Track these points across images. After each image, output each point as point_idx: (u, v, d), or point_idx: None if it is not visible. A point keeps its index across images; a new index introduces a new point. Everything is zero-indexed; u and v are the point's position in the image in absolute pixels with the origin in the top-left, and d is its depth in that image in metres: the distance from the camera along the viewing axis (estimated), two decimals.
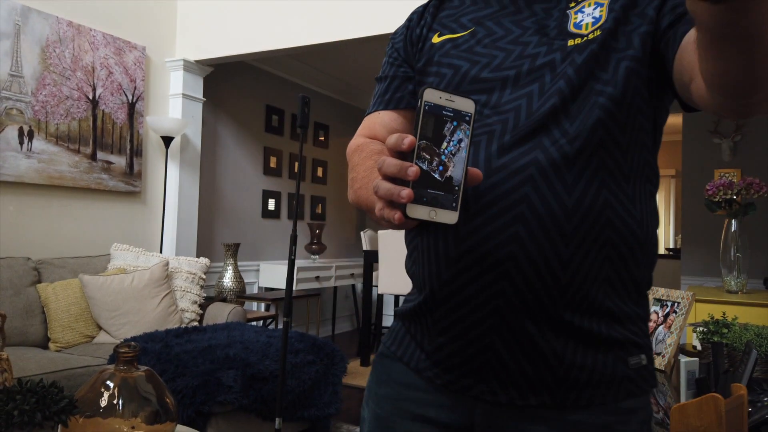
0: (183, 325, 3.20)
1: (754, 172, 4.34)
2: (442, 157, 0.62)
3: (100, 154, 3.59)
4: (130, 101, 3.78)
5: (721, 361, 1.40)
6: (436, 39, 0.87)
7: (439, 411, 0.80)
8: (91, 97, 3.54)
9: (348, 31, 3.48)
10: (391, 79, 0.92)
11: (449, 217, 0.62)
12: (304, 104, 2.42)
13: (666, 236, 8.55)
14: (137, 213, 3.90)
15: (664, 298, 2.04)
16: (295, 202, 2.32)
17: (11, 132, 3.15)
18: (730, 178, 2.95)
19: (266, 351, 2.60)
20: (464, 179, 0.63)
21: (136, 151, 3.82)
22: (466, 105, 0.63)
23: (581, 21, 0.77)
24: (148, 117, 3.86)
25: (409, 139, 0.60)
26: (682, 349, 1.94)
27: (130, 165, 3.78)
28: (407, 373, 0.83)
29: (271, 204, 5.29)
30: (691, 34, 0.65)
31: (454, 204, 0.62)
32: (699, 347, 1.84)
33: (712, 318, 1.76)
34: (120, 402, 1.02)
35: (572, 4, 0.79)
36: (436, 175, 0.62)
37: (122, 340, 2.80)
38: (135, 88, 3.81)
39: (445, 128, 0.63)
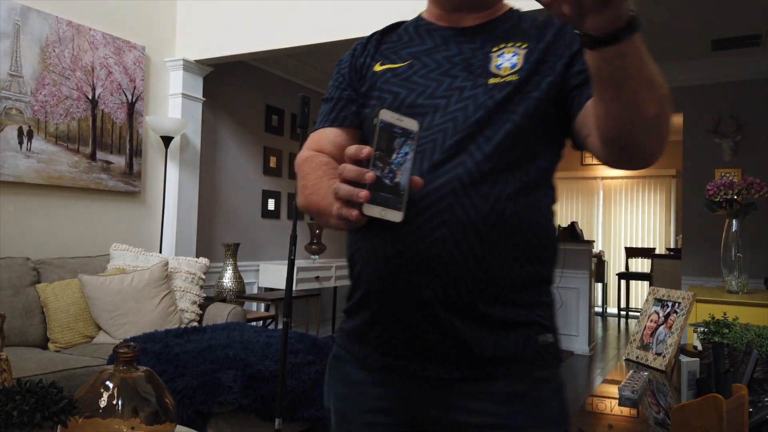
0: (182, 326, 3.20)
1: (755, 172, 4.33)
2: (392, 166, 0.75)
3: (99, 154, 3.58)
4: (130, 101, 3.78)
5: (722, 361, 1.39)
6: (378, 68, 1.01)
7: (386, 401, 0.94)
8: (90, 97, 3.54)
9: (348, 31, 3.47)
10: (337, 101, 1.05)
11: (396, 215, 0.75)
12: (304, 104, 2.42)
13: (667, 236, 8.55)
14: (137, 213, 3.90)
15: (664, 298, 2.04)
16: (295, 202, 2.32)
17: (11, 132, 3.14)
18: (730, 178, 2.94)
19: (266, 351, 2.60)
20: (408, 185, 0.76)
21: (135, 151, 3.82)
22: (412, 124, 0.77)
23: (501, 64, 0.93)
24: (148, 117, 3.86)
25: (367, 150, 0.73)
26: (682, 350, 1.94)
27: (130, 165, 3.78)
28: (359, 372, 0.97)
29: (271, 204, 5.28)
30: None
31: (400, 205, 0.75)
32: (700, 347, 1.84)
33: (713, 318, 1.75)
34: (119, 402, 1.01)
35: (494, 49, 0.95)
36: (387, 181, 0.74)
37: (122, 341, 2.79)
38: (134, 87, 3.80)
39: (395, 143, 0.75)
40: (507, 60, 0.93)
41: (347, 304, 0.99)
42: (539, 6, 0.64)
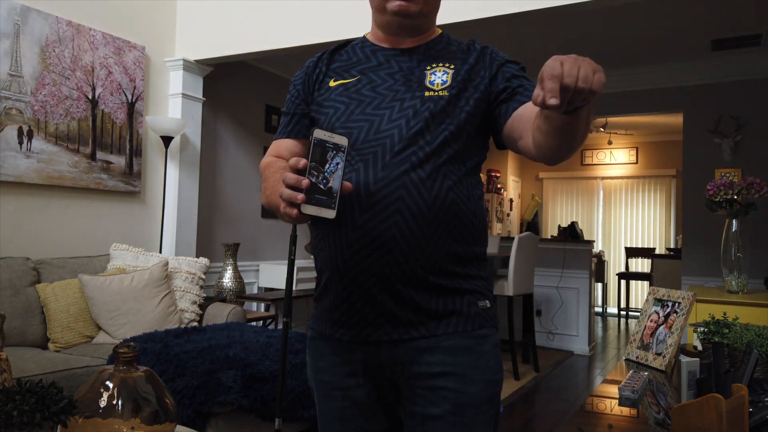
0: (182, 326, 3.20)
1: (755, 172, 4.32)
2: (325, 173, 0.92)
3: (99, 154, 3.58)
4: (130, 101, 3.78)
5: (722, 361, 1.39)
6: (332, 83, 1.20)
7: (360, 364, 1.13)
8: (90, 97, 3.54)
9: (348, 31, 3.47)
10: (293, 116, 1.26)
11: (330, 213, 0.93)
12: None
13: (667, 236, 8.55)
14: (137, 213, 3.90)
15: (664, 298, 2.04)
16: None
17: (11, 132, 3.14)
18: (730, 178, 2.94)
19: (266, 351, 2.60)
20: (340, 189, 0.94)
21: (135, 151, 3.82)
22: (342, 140, 0.95)
23: (434, 80, 1.15)
24: (148, 117, 3.86)
25: (303, 162, 0.92)
26: (682, 350, 1.94)
27: (130, 165, 3.78)
28: (332, 347, 1.16)
29: None
30: (524, 112, 1.07)
31: (333, 205, 0.93)
32: (700, 347, 1.84)
33: (713, 318, 1.75)
34: (119, 402, 1.01)
35: (428, 68, 1.17)
36: (321, 186, 0.92)
37: (122, 341, 2.79)
38: (134, 87, 3.80)
39: (328, 155, 0.93)
40: (438, 77, 1.15)
41: (315, 292, 1.18)
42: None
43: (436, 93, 1.13)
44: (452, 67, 1.16)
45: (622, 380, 1.65)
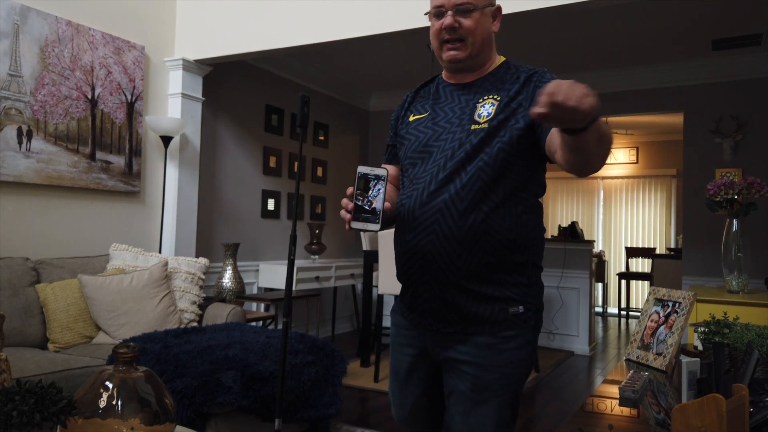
0: (182, 326, 3.20)
1: (756, 172, 4.32)
2: (369, 198, 1.21)
3: (99, 154, 3.58)
4: (129, 101, 3.77)
5: (723, 361, 1.39)
6: (411, 118, 1.48)
7: (413, 339, 1.47)
8: (90, 97, 3.53)
9: (348, 31, 3.47)
10: (388, 146, 1.59)
11: (375, 227, 1.22)
12: (303, 104, 2.41)
13: (667, 236, 8.55)
14: (136, 213, 3.90)
15: (665, 298, 2.04)
16: (295, 201, 2.32)
17: (10, 132, 3.14)
18: (731, 178, 2.94)
19: (266, 351, 2.59)
20: (382, 208, 1.22)
21: (135, 151, 3.81)
22: (381, 171, 1.23)
23: (481, 113, 1.35)
24: (147, 116, 3.86)
25: (350, 190, 1.23)
26: (683, 350, 1.94)
27: (129, 165, 3.78)
28: (402, 320, 1.50)
29: (271, 204, 5.28)
30: (558, 131, 1.21)
31: (377, 221, 1.22)
32: (700, 347, 1.84)
33: (714, 318, 1.75)
34: (119, 403, 1.01)
35: (480, 100, 1.38)
36: (366, 207, 1.21)
37: (121, 341, 2.79)
38: (134, 87, 3.80)
39: (371, 183, 1.21)
40: (485, 110, 1.35)
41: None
42: None
43: (479, 126, 1.33)
44: (498, 98, 1.36)
45: (622, 380, 1.64)
